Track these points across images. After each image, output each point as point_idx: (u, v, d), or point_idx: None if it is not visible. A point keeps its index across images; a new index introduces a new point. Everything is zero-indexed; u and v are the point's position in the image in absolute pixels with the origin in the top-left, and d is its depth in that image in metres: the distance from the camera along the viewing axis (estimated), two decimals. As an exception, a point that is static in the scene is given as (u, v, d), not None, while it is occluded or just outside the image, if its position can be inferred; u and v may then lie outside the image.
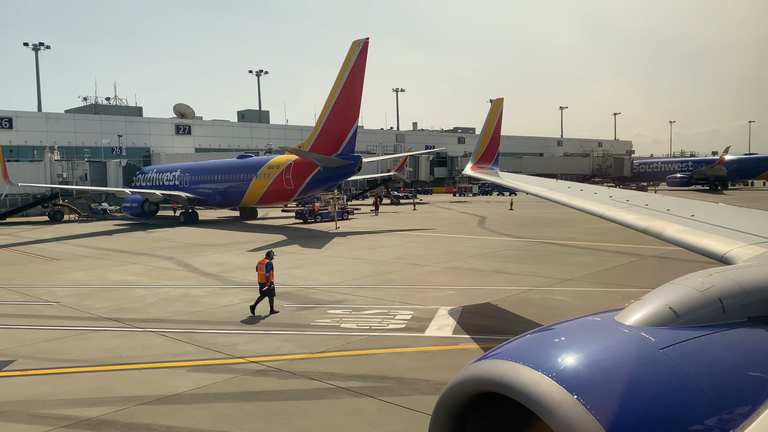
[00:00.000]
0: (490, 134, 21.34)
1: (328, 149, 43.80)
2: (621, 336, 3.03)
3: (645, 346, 2.92)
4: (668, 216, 8.06)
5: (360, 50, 42.20)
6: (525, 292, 19.48)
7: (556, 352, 2.84)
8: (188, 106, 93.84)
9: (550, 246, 31.45)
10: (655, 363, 2.82)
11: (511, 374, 2.73)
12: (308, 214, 50.89)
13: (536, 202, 75.87)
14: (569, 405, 2.52)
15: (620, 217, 8.99)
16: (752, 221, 6.86)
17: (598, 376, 2.70)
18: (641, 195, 10.08)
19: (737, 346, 3.24)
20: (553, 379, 2.64)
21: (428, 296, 19.34)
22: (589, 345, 2.94)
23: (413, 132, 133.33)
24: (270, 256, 18.15)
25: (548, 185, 13.58)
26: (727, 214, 7.63)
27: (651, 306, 3.29)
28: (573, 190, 12.07)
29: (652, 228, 7.93)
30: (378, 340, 14.42)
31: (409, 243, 34.25)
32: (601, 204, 10.13)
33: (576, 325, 3.27)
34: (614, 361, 2.81)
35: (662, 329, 3.10)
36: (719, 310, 3.39)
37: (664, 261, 25.20)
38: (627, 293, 19.04)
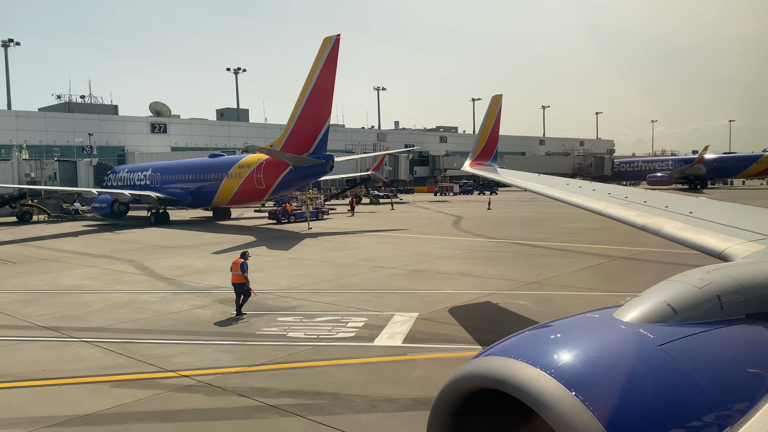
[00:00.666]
0: (488, 131, 21.25)
1: (299, 148, 42.93)
2: (619, 333, 3.02)
3: (643, 343, 2.92)
4: (667, 213, 8.01)
5: (331, 47, 41.35)
6: (486, 296, 18.80)
7: (554, 349, 2.82)
8: (164, 105, 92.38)
9: (521, 247, 30.85)
10: (653, 360, 2.81)
11: (510, 371, 2.71)
12: (282, 215, 49.93)
13: (514, 202, 75.66)
14: (568, 401, 2.50)
15: (618, 214, 8.88)
16: (751, 218, 6.84)
17: (596, 372, 2.68)
18: (640, 192, 10.00)
19: (735, 343, 3.24)
20: (551, 375, 2.62)
21: (386, 301, 18.59)
22: (588, 342, 2.93)
23: (395, 131, 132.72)
24: (245, 256, 17.85)
25: (547, 182, 13.56)
26: (725, 211, 7.53)
27: (649, 303, 3.29)
28: (571, 187, 12.00)
29: (650, 225, 7.88)
30: (322, 351, 13.63)
31: (379, 244, 33.49)
32: (599, 201, 10.00)
33: (574, 322, 3.27)
34: (612, 357, 2.80)
35: (660, 326, 3.09)
36: (717, 307, 3.38)
37: (632, 262, 24.69)
38: (590, 297, 18.44)
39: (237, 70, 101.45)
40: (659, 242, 30.49)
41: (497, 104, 22.80)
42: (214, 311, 17.97)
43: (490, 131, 21.30)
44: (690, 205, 7.98)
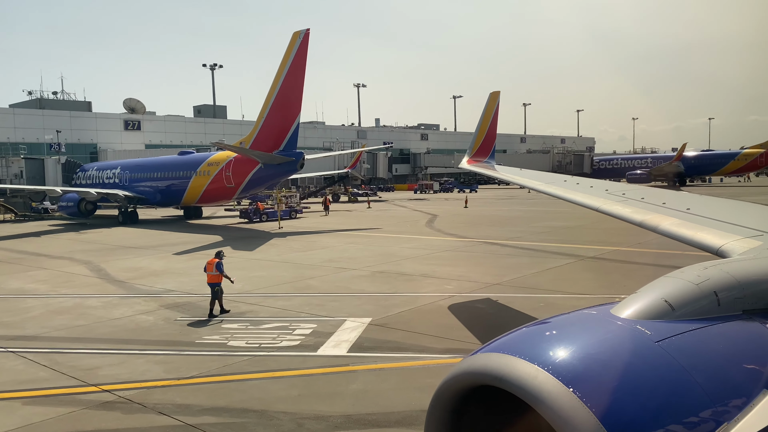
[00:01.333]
0: (486, 127, 21.14)
1: (269, 145, 41.94)
2: (616, 329, 3.02)
3: (640, 339, 2.92)
4: (664, 209, 7.99)
5: (301, 42, 40.38)
6: (444, 299, 18.08)
7: (551, 346, 2.81)
8: (138, 101, 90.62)
9: (490, 246, 30.21)
10: (650, 356, 2.81)
11: (507, 367, 2.71)
12: (253, 214, 48.91)
13: (492, 200, 75.18)
14: (565, 398, 2.49)
15: (616, 211, 8.81)
16: (748, 215, 6.81)
17: (593, 369, 2.67)
18: (637, 188, 9.98)
19: (732, 339, 3.23)
20: (548, 372, 2.62)
21: (341, 305, 17.81)
22: (585, 338, 2.93)
23: (375, 128, 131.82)
24: (220, 255, 17.58)
25: (544, 179, 13.65)
26: (722, 208, 7.58)
27: (646, 299, 3.29)
28: (569, 184, 11.90)
29: (647, 221, 7.86)
30: (261, 362, 12.80)
31: (347, 244, 32.68)
32: (597, 197, 9.95)
33: (572, 319, 3.25)
34: (610, 354, 2.79)
35: (658, 322, 3.10)
36: (714, 303, 3.38)
37: (600, 263, 24.14)
38: (550, 300, 17.80)
39: (213, 66, 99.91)
40: (629, 242, 30.18)
41: (495, 101, 22.56)
42: (158, 317, 17.07)
43: (488, 128, 21.17)
44: (687, 202, 7.95)
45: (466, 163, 20.06)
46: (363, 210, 61.55)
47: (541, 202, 66.32)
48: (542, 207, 59.02)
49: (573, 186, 11.58)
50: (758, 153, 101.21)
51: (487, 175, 20.25)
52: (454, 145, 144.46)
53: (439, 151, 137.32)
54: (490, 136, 21.17)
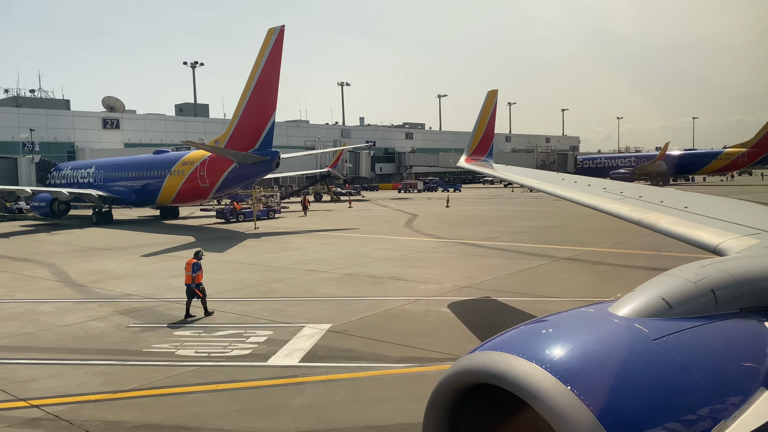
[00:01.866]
0: (484, 126, 21.11)
1: (244, 144, 41.14)
2: (614, 327, 3.02)
3: (638, 337, 2.91)
4: (662, 208, 7.98)
5: (276, 39, 39.62)
6: (410, 304, 17.49)
7: (549, 344, 2.80)
8: (118, 99, 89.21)
9: (466, 247, 29.68)
10: (648, 354, 2.81)
11: (505, 365, 2.69)
12: (229, 214, 48.06)
13: (475, 199, 74.68)
14: (563, 396, 2.49)
15: (614, 209, 8.81)
16: (745, 213, 6.80)
17: (591, 367, 2.67)
18: (635, 187, 9.90)
19: (729, 337, 3.24)
20: (546, 370, 2.60)
21: (302, 311, 17.16)
22: (583, 336, 2.93)
23: (359, 127, 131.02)
24: (198, 256, 17.27)
25: (541, 177, 13.56)
26: (720, 206, 7.56)
27: (644, 297, 3.28)
28: (566, 182, 11.85)
29: (645, 220, 7.87)
30: (206, 373, 12.13)
31: (321, 245, 32.02)
32: (594, 196, 9.95)
33: (569, 317, 3.25)
34: (607, 352, 2.78)
35: (655, 320, 3.09)
36: (712, 301, 3.39)
37: (573, 264, 23.67)
38: (519, 303, 17.26)
39: (194, 64, 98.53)
40: (605, 242, 29.76)
41: (493, 99, 22.45)
42: (109, 324, 16.32)
43: (486, 127, 21.12)
44: (685, 200, 7.93)
45: (464, 161, 20.02)
46: (344, 210, 60.87)
47: (523, 202, 66.06)
48: (523, 206, 58.73)
49: (570, 184, 11.48)
50: (740, 152, 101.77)
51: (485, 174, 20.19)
52: (439, 144, 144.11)
53: (424, 150, 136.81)
54: (488, 134, 21.16)
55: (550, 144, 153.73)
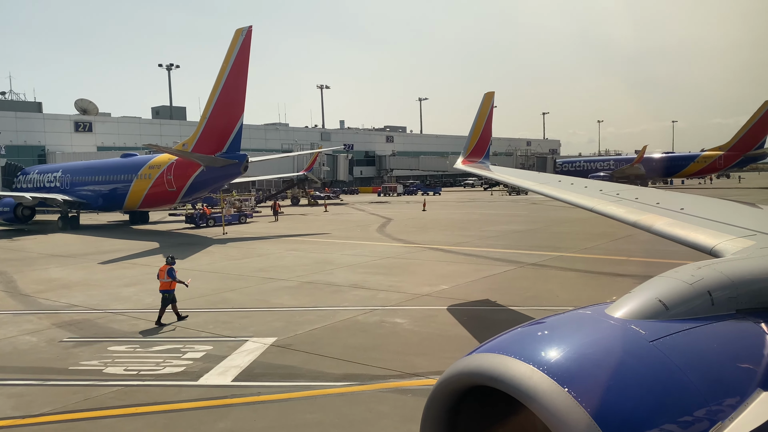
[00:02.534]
0: (481, 128, 21.14)
1: (212, 147, 40.14)
2: (611, 329, 3.01)
3: (635, 339, 2.91)
4: (658, 209, 8.01)
5: (243, 39, 38.69)
6: (365, 314, 16.72)
7: (546, 346, 2.80)
8: (91, 102, 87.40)
9: (434, 252, 28.99)
10: (644, 355, 2.80)
11: (503, 367, 2.70)
12: (199, 218, 46.99)
13: (452, 203, 74.00)
14: (560, 397, 2.49)
15: (610, 211, 8.81)
16: (741, 215, 6.80)
17: (588, 368, 2.67)
18: (632, 188, 9.93)
19: (726, 339, 3.23)
20: (544, 372, 2.60)
21: (250, 322, 16.32)
22: (580, 338, 2.93)
23: (339, 130, 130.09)
24: (170, 261, 16.94)
25: (538, 179, 13.66)
26: (716, 208, 7.61)
27: (641, 299, 3.27)
28: (563, 184, 11.84)
29: (641, 221, 7.87)
30: (129, 394, 11.24)
31: (287, 251, 31.15)
32: (591, 198, 9.93)
33: (566, 319, 3.23)
34: (604, 353, 2.78)
35: (652, 322, 3.08)
36: (708, 303, 3.37)
37: (539, 270, 23.03)
38: (475, 313, 16.56)
39: (170, 66, 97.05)
40: (575, 247, 29.20)
41: (489, 101, 22.38)
42: (42, 338, 15.34)
43: (482, 129, 21.14)
44: (681, 202, 7.95)
45: (460, 163, 20.03)
46: (319, 214, 59.98)
47: (500, 205, 65.64)
48: (499, 210, 58.26)
49: (567, 186, 11.45)
50: (717, 155, 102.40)
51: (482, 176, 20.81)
52: (420, 148, 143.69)
53: (405, 153, 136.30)
54: (485, 136, 21.18)
55: (531, 147, 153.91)
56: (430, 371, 11.81)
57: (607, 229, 36.97)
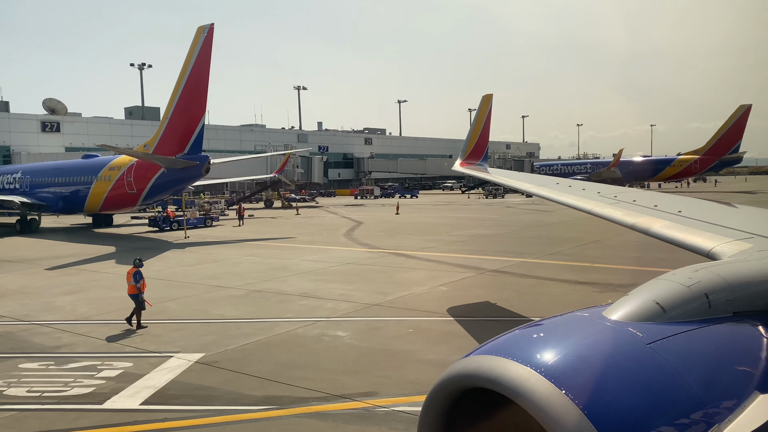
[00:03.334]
0: (479, 131, 21.07)
1: (173, 149, 38.89)
2: (608, 331, 3.01)
3: (632, 341, 2.92)
4: (656, 212, 8.02)
5: (205, 37, 37.53)
6: (306, 326, 15.74)
7: (544, 348, 2.79)
8: (59, 101, 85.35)
9: (397, 258, 28.08)
10: (642, 358, 2.80)
11: (500, 370, 2.70)
12: (162, 222, 45.64)
13: (428, 206, 73.13)
14: (557, 400, 2.49)
15: (608, 214, 8.84)
16: (738, 217, 6.85)
17: (585, 371, 2.66)
18: (629, 191, 9.95)
19: (723, 341, 3.23)
20: (541, 374, 2.61)
21: (181, 336, 15.26)
22: (578, 340, 2.92)
23: (317, 132, 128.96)
24: (138, 264, 16.51)
25: (536, 181, 13.65)
26: (713, 210, 7.57)
27: (638, 301, 3.28)
28: (561, 186, 11.77)
29: (639, 224, 7.86)
30: (21, 421, 10.15)
31: (245, 257, 30.05)
32: (589, 200, 9.89)
33: (564, 321, 3.22)
34: (601, 356, 2.78)
35: (649, 324, 3.08)
36: (705, 306, 3.39)
37: (498, 277, 22.21)
38: (422, 324, 15.65)
39: (141, 65, 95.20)
40: (540, 252, 28.45)
41: (487, 104, 22.41)
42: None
43: (480, 131, 21.06)
44: (679, 204, 7.96)
45: (458, 165, 20.02)
46: (290, 217, 58.84)
47: (474, 209, 65.00)
48: (472, 214, 57.60)
49: (565, 188, 11.45)
50: (693, 159, 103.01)
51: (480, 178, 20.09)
52: (399, 150, 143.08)
53: (384, 155, 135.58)
54: (483, 138, 21.05)
55: (510, 150, 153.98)
56: (357, 392, 10.88)
57: (575, 234, 36.44)
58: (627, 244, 30.73)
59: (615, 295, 16.72)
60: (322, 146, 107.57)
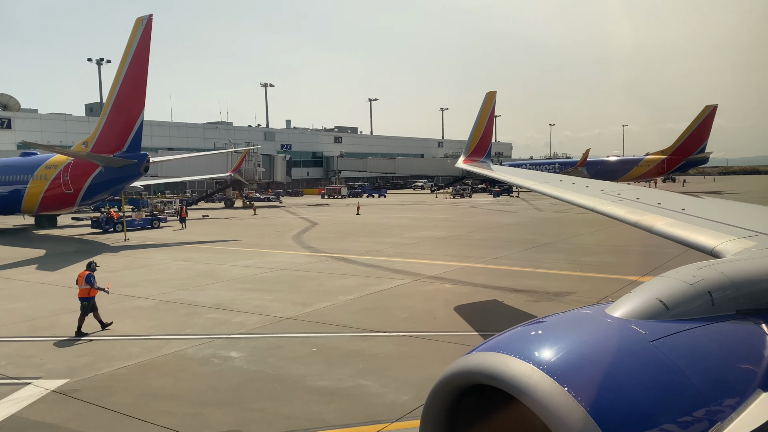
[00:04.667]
0: (482, 128, 20.86)
1: (111, 146, 36.85)
2: (611, 328, 3.01)
3: (635, 339, 2.91)
4: (659, 210, 7.98)
5: (144, 29, 35.54)
6: (200, 346, 14.13)
7: (547, 345, 2.78)
8: (12, 97, 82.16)
9: (337, 263, 26.52)
10: (644, 355, 2.80)
11: (502, 366, 2.70)
12: (105, 223, 43.50)
13: (392, 206, 71.45)
14: (559, 396, 2.49)
15: (611, 211, 8.81)
16: (742, 215, 6.77)
17: (588, 368, 2.65)
18: (633, 188, 9.91)
19: (726, 339, 3.23)
20: (543, 371, 2.60)
21: (53, 357, 13.56)
22: (580, 337, 2.91)
23: (285, 130, 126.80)
24: (91, 267, 16.07)
25: (540, 178, 13.75)
26: (717, 208, 7.55)
27: (641, 299, 3.27)
28: (565, 184, 11.82)
29: (642, 222, 7.80)
30: None
31: (177, 261, 28.25)
32: (592, 198, 9.93)
33: (567, 318, 3.22)
34: (604, 353, 2.76)
35: (652, 322, 3.08)
36: (708, 303, 3.39)
37: (434, 284, 20.77)
38: (322, 342, 14.12)
39: (100, 60, 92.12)
40: (487, 256, 26.96)
41: (491, 101, 22.05)
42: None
43: (484, 128, 20.87)
44: (682, 202, 7.99)
45: (462, 162, 20.01)
46: (245, 218, 56.94)
47: (438, 209, 63.69)
48: (433, 214, 56.31)
49: (568, 186, 11.43)
50: (660, 159, 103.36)
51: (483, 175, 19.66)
52: (370, 149, 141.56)
53: (355, 154, 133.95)
54: (486, 136, 20.88)
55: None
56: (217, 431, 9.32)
57: (530, 236, 35.29)
58: (578, 248, 29.62)
59: (547, 305, 15.22)
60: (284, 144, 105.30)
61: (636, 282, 20.68)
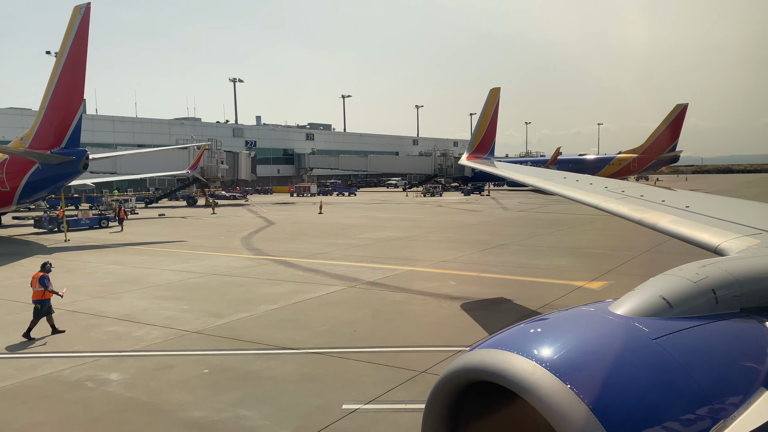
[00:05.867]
0: (486, 124, 20.85)
1: (50, 142, 34.82)
2: (614, 326, 2.99)
3: (638, 336, 2.88)
4: (663, 207, 7.93)
5: (81, 18, 33.56)
6: (80, 366, 12.57)
7: (549, 342, 2.75)
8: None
9: (277, 267, 25.01)
10: (647, 353, 2.76)
11: (505, 363, 2.66)
12: (48, 222, 41.42)
13: (358, 205, 69.81)
14: (562, 394, 2.46)
15: (615, 209, 8.70)
16: (746, 213, 6.78)
17: (590, 365, 2.63)
18: (637, 186, 9.75)
19: (730, 337, 3.20)
20: (545, 368, 2.57)
21: None
22: (583, 335, 2.89)
23: (255, 127, 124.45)
24: (45, 268, 15.44)
25: (543, 176, 13.60)
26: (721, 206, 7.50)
27: (644, 296, 3.24)
28: (568, 181, 11.71)
29: (646, 219, 7.78)
30: None
31: (105, 265, 26.48)
32: (596, 195, 9.73)
33: (570, 315, 3.19)
34: (607, 351, 2.73)
35: (655, 320, 3.06)
36: (712, 301, 3.36)
37: (370, 291, 19.36)
38: (224, 361, 12.64)
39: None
40: (436, 258, 25.36)
41: (495, 97, 22.07)
42: None
43: (488, 125, 20.83)
44: (686, 200, 7.94)
45: (465, 159, 20.01)
46: (202, 217, 55.06)
47: (404, 208, 62.35)
48: (396, 213, 54.97)
49: (572, 183, 11.33)
50: (631, 158, 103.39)
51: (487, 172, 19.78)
52: (343, 146, 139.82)
53: (327, 151, 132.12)
54: (490, 132, 20.84)
55: (457, 148, 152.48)
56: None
57: (486, 236, 34.13)
58: (531, 250, 28.47)
59: (479, 314, 13.71)
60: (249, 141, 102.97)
61: (582, 288, 19.52)
